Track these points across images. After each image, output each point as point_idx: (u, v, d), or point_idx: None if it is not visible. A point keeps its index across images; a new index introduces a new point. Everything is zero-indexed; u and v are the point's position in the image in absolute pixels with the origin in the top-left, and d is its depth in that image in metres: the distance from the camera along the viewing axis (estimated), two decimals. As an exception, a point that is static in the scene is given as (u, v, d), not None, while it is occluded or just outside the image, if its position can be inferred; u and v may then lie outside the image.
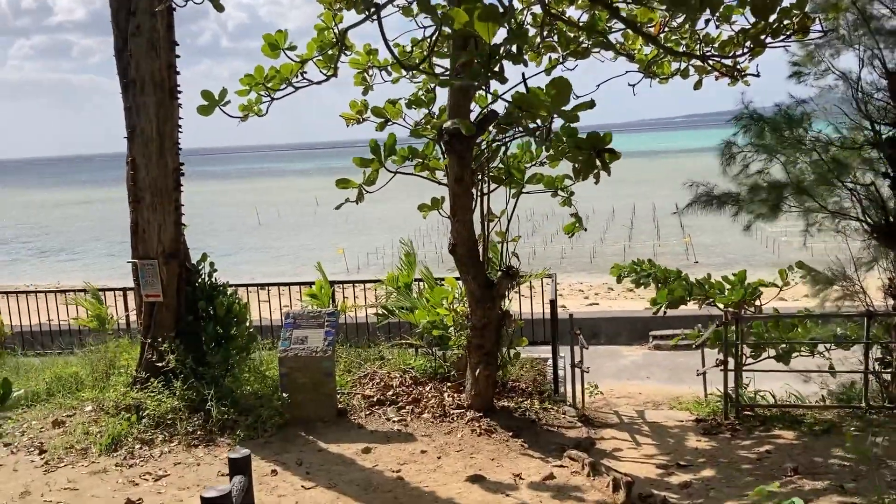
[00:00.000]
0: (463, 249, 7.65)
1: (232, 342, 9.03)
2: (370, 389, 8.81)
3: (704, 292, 10.38)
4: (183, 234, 9.04)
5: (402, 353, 10.12)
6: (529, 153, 8.66)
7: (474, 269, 7.73)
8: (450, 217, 7.65)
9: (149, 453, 7.57)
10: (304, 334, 8.24)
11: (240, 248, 45.32)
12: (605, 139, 7.61)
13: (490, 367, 8.04)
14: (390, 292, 10.64)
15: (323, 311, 8.41)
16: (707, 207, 8.28)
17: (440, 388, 8.84)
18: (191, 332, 8.94)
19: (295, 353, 8.13)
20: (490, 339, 8.00)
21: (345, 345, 11.04)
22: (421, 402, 8.44)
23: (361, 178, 7.64)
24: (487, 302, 7.82)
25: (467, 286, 7.85)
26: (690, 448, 7.74)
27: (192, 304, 8.99)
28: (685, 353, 15.15)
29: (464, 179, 7.33)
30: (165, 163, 8.64)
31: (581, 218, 8.82)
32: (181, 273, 8.91)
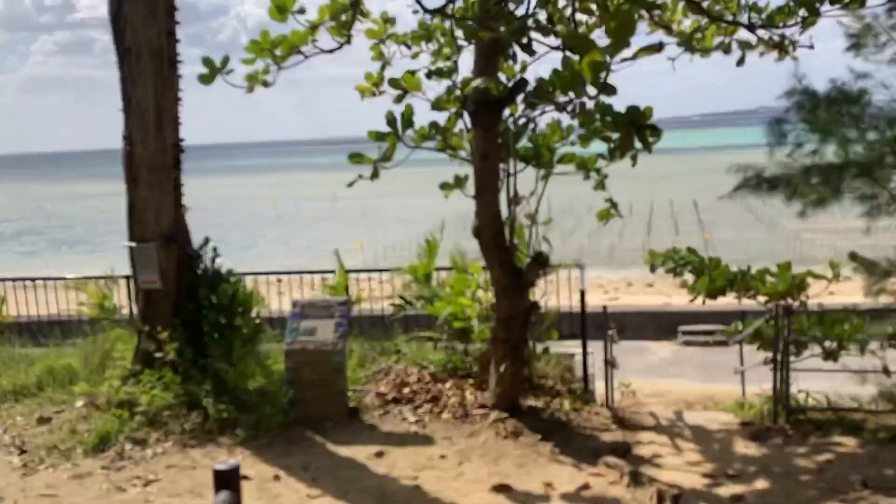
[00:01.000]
0: (488, 233, 6.91)
1: (236, 333, 8.35)
2: (385, 386, 8.09)
3: (746, 283, 9.60)
4: (183, 216, 8.36)
5: (419, 348, 9.39)
6: (560, 131, 7.89)
7: (500, 255, 6.99)
8: (474, 197, 6.91)
9: (140, 454, 6.89)
10: (313, 325, 7.52)
11: (257, 241, 44.86)
12: (646, 114, 6.86)
13: (517, 362, 7.30)
14: (409, 282, 9.93)
15: (333, 301, 7.70)
16: (756, 191, 7.47)
17: (461, 385, 8.11)
18: (191, 321, 8.26)
19: (302, 346, 7.43)
20: (517, 333, 7.26)
21: (358, 337, 10.33)
22: (440, 400, 7.72)
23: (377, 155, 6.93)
24: (515, 291, 7.08)
25: (493, 274, 7.11)
26: (739, 455, 6.95)
27: (193, 291, 8.31)
28: (716, 349, 14.33)
29: (490, 155, 6.58)
30: (164, 138, 7.96)
31: (616, 203, 8.03)
32: (181, 258, 8.22)
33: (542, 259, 6.97)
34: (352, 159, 6.78)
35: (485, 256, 7.06)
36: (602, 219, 8.13)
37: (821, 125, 7.26)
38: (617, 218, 8.30)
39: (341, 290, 10.06)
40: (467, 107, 6.40)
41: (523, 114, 7.36)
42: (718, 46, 8.42)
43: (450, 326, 8.64)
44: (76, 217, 62.19)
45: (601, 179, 8.08)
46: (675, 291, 23.35)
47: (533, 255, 7.03)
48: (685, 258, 10.03)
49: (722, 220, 44.11)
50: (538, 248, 7.10)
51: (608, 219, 8.15)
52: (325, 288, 10.08)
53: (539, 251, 7.06)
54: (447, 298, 8.48)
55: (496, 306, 7.23)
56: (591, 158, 7.98)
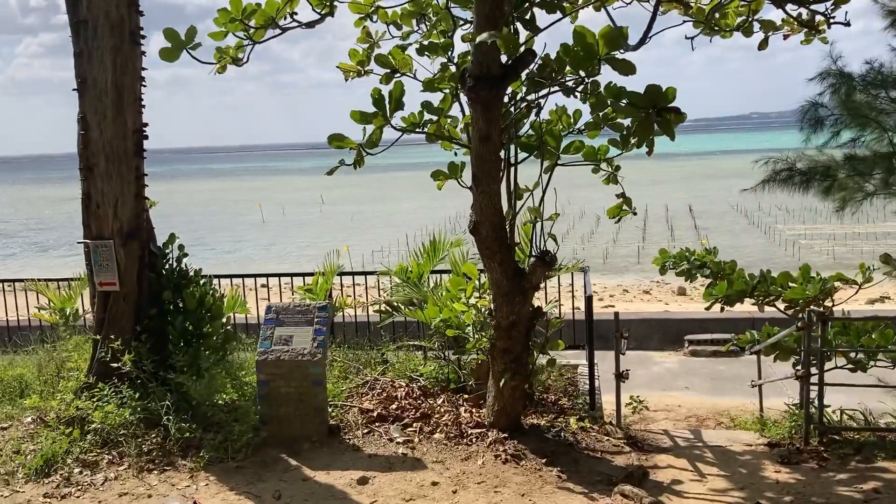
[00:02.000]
0: (487, 228, 6.08)
1: (204, 341, 7.49)
2: (369, 402, 7.23)
3: (766, 288, 8.82)
4: (146, 210, 7.49)
5: (408, 358, 8.55)
6: (566, 117, 7.10)
7: (501, 254, 6.17)
8: (471, 187, 6.08)
9: (89, 480, 6.01)
10: (289, 333, 6.67)
11: (241, 245, 43.98)
12: (668, 95, 6.06)
13: (518, 376, 6.47)
14: (397, 285, 9.09)
15: (312, 305, 6.84)
16: (787, 185, 6.69)
17: (455, 401, 7.26)
18: (154, 328, 7.40)
19: (276, 357, 6.57)
20: (519, 342, 6.43)
21: (341, 346, 9.49)
22: (432, 418, 6.87)
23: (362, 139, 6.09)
24: (517, 295, 6.25)
25: (492, 275, 6.28)
26: (770, 481, 6.14)
27: (157, 294, 7.46)
28: (725, 360, 13.56)
29: (491, 138, 5.76)
30: (124, 121, 7.10)
31: (630, 199, 7.21)
32: (143, 257, 7.36)
33: (548, 259, 6.15)
34: (332, 142, 5.93)
35: (483, 255, 6.24)
36: (613, 215, 7.31)
37: (859, 110, 6.49)
38: (630, 216, 7.50)
39: (322, 294, 9.22)
40: (465, 81, 5.57)
41: (525, 97, 6.58)
42: (739, 26, 7.64)
43: (442, 335, 7.82)
44: (58, 220, 61.05)
45: (612, 172, 7.28)
46: (673, 299, 22.76)
47: (538, 253, 6.20)
48: (701, 259, 9.25)
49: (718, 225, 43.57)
50: (544, 247, 6.27)
51: (620, 216, 7.33)
52: (302, 291, 9.23)
53: (545, 250, 6.23)
54: (439, 303, 7.64)
55: (495, 312, 6.41)
56: (602, 148, 7.18)
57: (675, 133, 6.14)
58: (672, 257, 9.84)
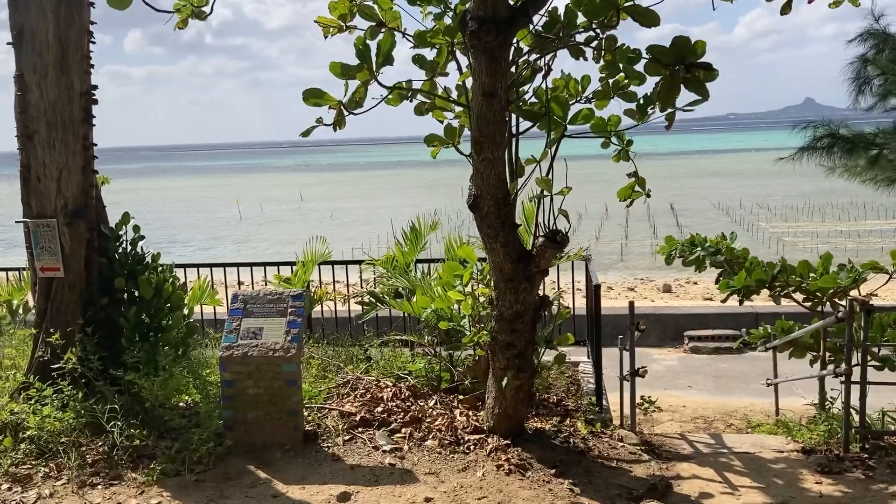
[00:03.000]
0: (489, 203, 5.23)
1: (162, 335, 6.60)
2: (351, 404, 6.34)
3: (786, 278, 8.06)
4: (96, 186, 6.58)
5: (394, 354, 7.68)
6: (574, 84, 6.26)
7: (504, 233, 5.32)
8: (470, 155, 5.23)
9: (19, 498, 5.08)
10: (258, 325, 5.77)
11: (217, 243, 42.88)
12: (697, 49, 5.26)
13: (522, 374, 5.62)
14: (381, 275, 8.23)
15: (286, 293, 5.95)
16: (828, 154, 5.89)
17: (449, 402, 6.40)
18: (105, 320, 6.50)
19: (244, 352, 5.67)
20: (523, 336, 5.58)
21: (319, 342, 8.60)
22: (423, 422, 6.00)
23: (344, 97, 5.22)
24: (522, 282, 5.41)
25: (493, 258, 5.43)
26: (812, 494, 5.33)
27: (108, 282, 6.55)
28: (727, 357, 12.84)
29: (496, 94, 4.90)
30: (69, 82, 6.18)
31: (644, 179, 6.36)
32: (91, 239, 6.45)
33: (559, 238, 5.30)
34: (308, 99, 5.05)
35: (483, 235, 5.38)
36: (625, 198, 6.44)
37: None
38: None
39: (300, 285, 8.34)
40: (467, 25, 4.71)
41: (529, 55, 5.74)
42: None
43: (433, 328, 6.96)
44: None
45: (623, 147, 6.44)
46: (658, 296, 22.03)
47: (547, 233, 5.35)
48: (716, 246, 8.46)
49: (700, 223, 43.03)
50: (554, 225, 5.42)
51: (632, 199, 6.47)
52: (278, 279, 8.34)
53: (555, 229, 5.39)
54: (430, 293, 6.78)
55: (497, 302, 5.55)
56: (612, 118, 6.36)
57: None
58: (681, 245, 9.05)
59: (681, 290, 22.19)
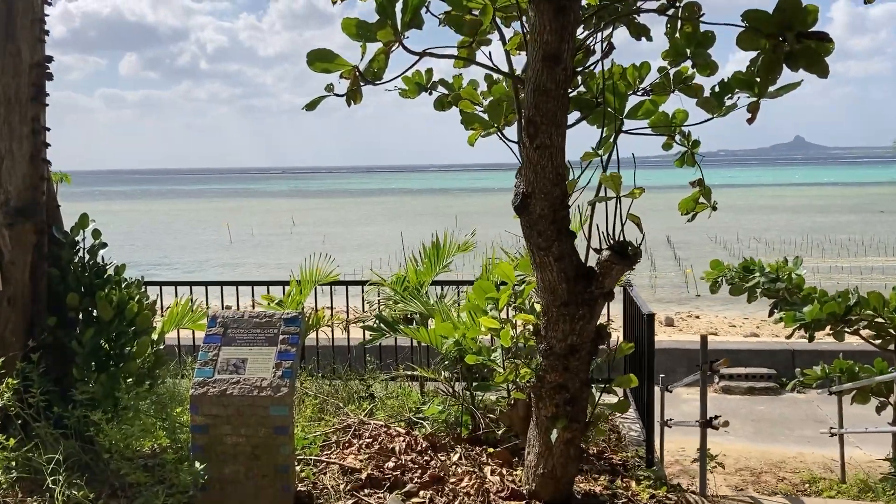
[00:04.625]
0: (542, 204, 4.07)
1: (124, 365, 5.36)
2: (355, 456, 5.10)
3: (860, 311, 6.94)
4: (48, 180, 5.39)
5: (404, 393, 6.47)
6: (633, 71, 5.15)
7: (560, 245, 4.15)
8: (520, 142, 4.08)
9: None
10: (241, 356, 4.57)
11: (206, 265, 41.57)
12: (808, 15, 4.15)
13: (575, 425, 4.43)
14: (389, 298, 7.04)
15: (276, 315, 4.75)
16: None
17: (476, 457, 5.18)
18: (54, 346, 5.28)
19: (221, 390, 4.45)
20: (578, 376, 4.40)
21: (313, 375, 7.39)
22: (446, 483, 4.77)
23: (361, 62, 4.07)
24: (580, 307, 4.24)
25: (544, 276, 4.25)
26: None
27: (59, 298, 5.34)
28: (763, 398, 11.65)
29: (561, 58, 3.76)
30: (16, 50, 5.02)
31: (709, 189, 5.18)
32: (40, 244, 5.25)
33: (631, 252, 4.15)
34: (315, 62, 3.89)
35: (532, 246, 4.21)
36: (687, 211, 5.26)
37: None
38: (709, 210, 5.48)
39: (294, 307, 7.14)
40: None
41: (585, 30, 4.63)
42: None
43: (453, 362, 5.76)
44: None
45: (689, 150, 5.30)
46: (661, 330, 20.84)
47: (613, 245, 4.19)
48: (776, 272, 7.32)
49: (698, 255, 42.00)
50: (621, 236, 4.25)
51: (696, 212, 5.28)
52: (268, 301, 7.13)
53: (622, 241, 4.23)
54: (451, 320, 5.58)
55: (545, 332, 4.37)
56: (678, 113, 5.24)
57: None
58: (731, 270, 7.91)
59: (683, 324, 21.06)
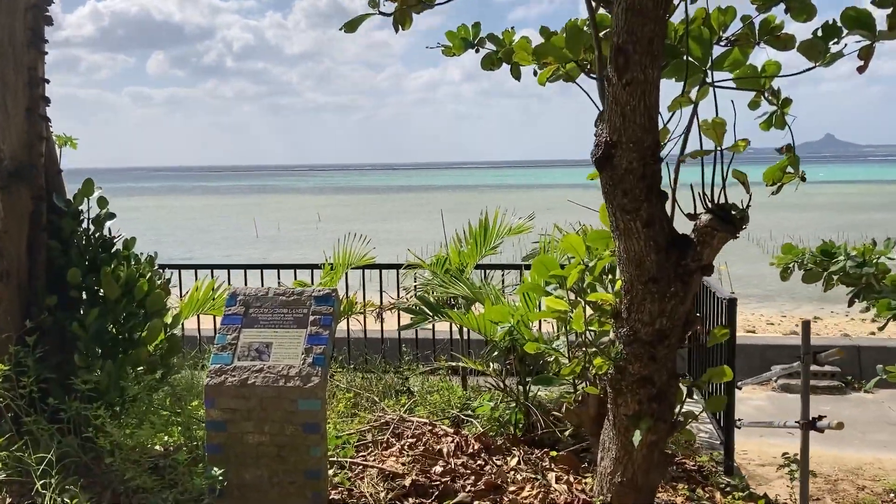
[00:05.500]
0: (630, 155, 3.34)
1: (133, 352, 4.70)
2: (397, 459, 4.40)
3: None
4: (49, 139, 4.75)
5: (446, 386, 5.76)
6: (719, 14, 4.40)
7: (650, 207, 3.42)
8: (606, 77, 3.35)
9: None
10: (265, 339, 3.88)
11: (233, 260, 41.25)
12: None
13: (661, 424, 3.69)
14: (428, 283, 6.33)
15: (306, 293, 4.06)
16: None
17: (537, 461, 4.46)
18: (54, 329, 4.63)
19: (241, 379, 3.77)
20: (666, 367, 3.67)
21: (344, 367, 6.72)
22: (504, 492, 4.06)
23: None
24: (673, 283, 3.50)
25: (628, 245, 3.51)
26: None
27: (61, 275, 4.69)
28: (827, 397, 10.71)
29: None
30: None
31: (798, 158, 4.40)
32: (37, 213, 4.60)
33: (738, 216, 3.41)
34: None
35: (615, 209, 3.48)
36: (773, 181, 4.46)
37: None
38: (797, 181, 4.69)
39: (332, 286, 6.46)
40: None
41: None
42: None
43: (508, 353, 5.04)
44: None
45: (781, 109, 4.52)
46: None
47: (713, 207, 3.45)
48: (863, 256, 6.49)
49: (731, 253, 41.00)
50: (721, 198, 3.51)
51: (782, 183, 4.49)
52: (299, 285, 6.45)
53: (724, 203, 3.48)
54: (504, 305, 4.86)
55: (627, 313, 3.64)
56: (769, 65, 4.47)
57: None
58: (808, 254, 7.09)
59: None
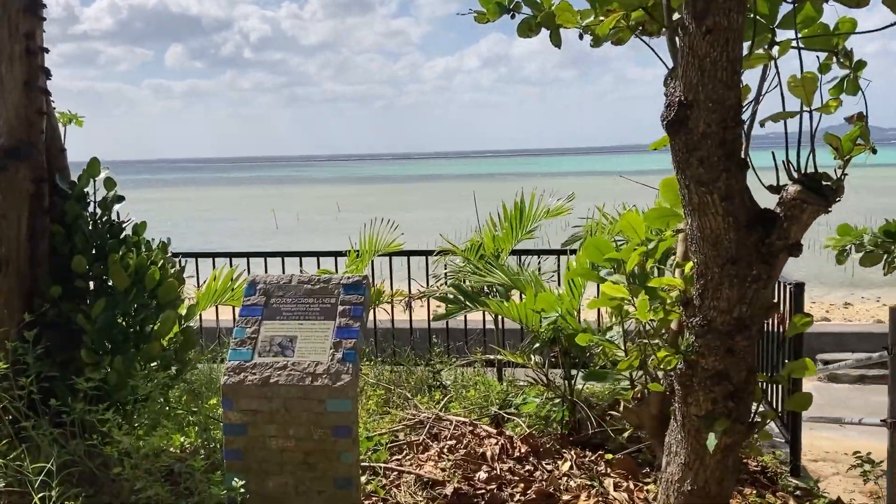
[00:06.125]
0: (709, 116, 2.88)
1: (145, 347, 4.31)
2: (435, 463, 3.98)
3: None
4: (50, 115, 4.35)
5: (485, 382, 5.33)
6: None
7: (729, 178, 2.95)
8: (682, 26, 2.87)
9: None
10: (288, 332, 3.46)
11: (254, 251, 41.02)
12: None
13: (739, 426, 3.24)
14: (458, 271, 5.90)
15: (333, 280, 3.63)
16: None
17: (591, 465, 4.02)
18: (58, 322, 4.24)
19: (262, 378, 3.35)
20: (746, 360, 3.21)
21: (372, 359, 6.31)
22: (557, 500, 3.62)
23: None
24: (755, 264, 3.04)
25: (702, 221, 3.05)
26: None
27: (65, 263, 4.30)
28: (877, 387, 10.14)
29: None
30: (3, -54, 3.98)
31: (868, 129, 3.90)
32: (39, 195, 4.21)
33: (826, 186, 2.94)
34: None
35: (687, 180, 3.01)
36: (845, 153, 3.98)
37: None
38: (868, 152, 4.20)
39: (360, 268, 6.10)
40: None
41: None
42: None
43: (552, 345, 4.59)
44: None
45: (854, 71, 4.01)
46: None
47: (802, 177, 2.99)
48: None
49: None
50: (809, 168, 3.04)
51: (852, 154, 3.99)
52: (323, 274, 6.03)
53: (814, 172, 3.02)
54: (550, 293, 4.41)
55: (700, 300, 3.18)
56: (844, 22, 3.96)
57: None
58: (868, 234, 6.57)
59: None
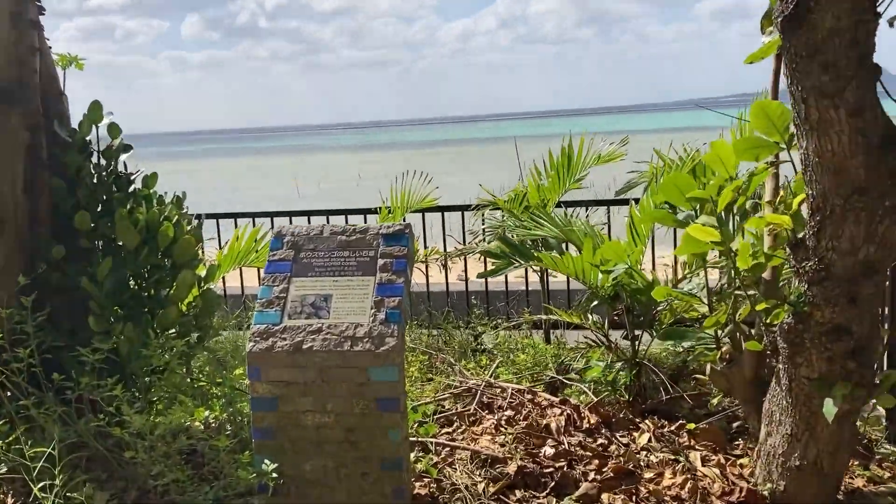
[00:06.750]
0: (841, 7, 2.32)
1: (160, 315, 3.83)
2: (491, 438, 3.49)
3: None
4: (46, 53, 3.85)
5: (535, 345, 4.83)
6: None
7: (860, 84, 2.39)
8: None
9: None
10: (322, 290, 2.97)
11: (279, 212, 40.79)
12: None
13: (860, 391, 2.72)
14: (497, 226, 5.37)
15: (372, 230, 3.13)
16: None
17: (671, 436, 3.51)
18: (62, 285, 3.78)
19: (294, 344, 2.87)
20: (871, 312, 2.68)
21: (409, 322, 5.82)
22: (638, 480, 3.13)
23: None
24: (889, 194, 2.50)
25: (822, 142, 2.50)
26: None
27: (66, 219, 3.82)
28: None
29: None
30: None
31: None
32: (35, 144, 3.72)
33: None
34: None
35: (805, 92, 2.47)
36: None
37: None
38: None
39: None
40: None
41: None
42: None
43: (614, 301, 4.08)
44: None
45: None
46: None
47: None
48: None
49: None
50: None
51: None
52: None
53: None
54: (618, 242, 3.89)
55: (814, 240, 2.65)
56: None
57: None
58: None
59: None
